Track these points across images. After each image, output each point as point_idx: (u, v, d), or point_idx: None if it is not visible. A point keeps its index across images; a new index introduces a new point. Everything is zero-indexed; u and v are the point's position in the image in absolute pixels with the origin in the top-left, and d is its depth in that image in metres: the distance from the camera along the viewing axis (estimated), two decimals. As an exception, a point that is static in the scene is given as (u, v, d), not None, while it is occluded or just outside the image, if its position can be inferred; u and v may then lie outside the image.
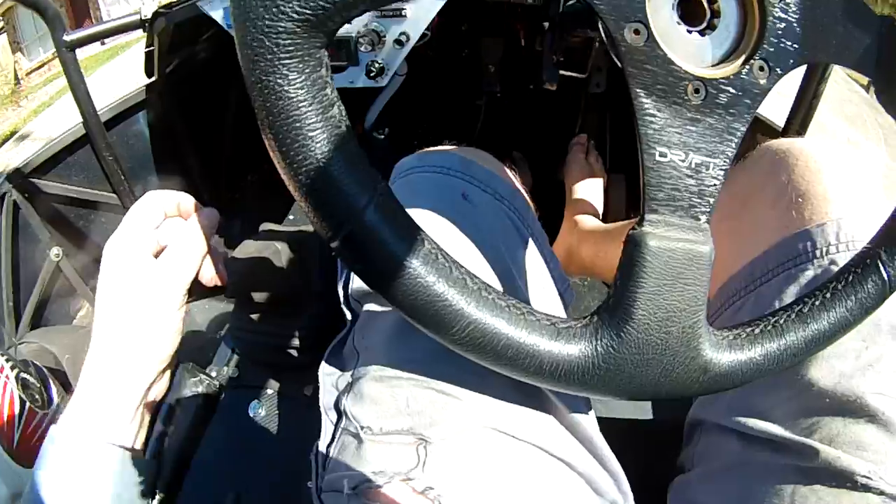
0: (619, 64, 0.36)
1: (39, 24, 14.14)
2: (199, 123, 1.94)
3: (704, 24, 0.37)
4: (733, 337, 0.41)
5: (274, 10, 0.30)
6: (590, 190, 1.44)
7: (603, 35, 0.33)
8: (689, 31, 0.37)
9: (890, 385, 0.49)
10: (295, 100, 0.32)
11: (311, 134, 0.33)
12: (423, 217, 0.59)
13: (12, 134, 8.22)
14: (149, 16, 1.44)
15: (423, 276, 0.34)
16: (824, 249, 0.55)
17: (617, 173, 1.60)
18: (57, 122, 7.25)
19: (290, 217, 1.79)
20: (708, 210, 0.37)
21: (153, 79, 1.75)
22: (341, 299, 0.68)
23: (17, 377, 1.03)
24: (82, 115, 1.53)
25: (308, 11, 0.30)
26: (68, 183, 1.64)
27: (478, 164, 0.67)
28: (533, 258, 0.64)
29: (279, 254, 1.26)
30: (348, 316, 0.65)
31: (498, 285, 0.54)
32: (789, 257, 0.57)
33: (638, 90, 0.35)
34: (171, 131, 1.85)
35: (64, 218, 1.66)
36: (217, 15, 1.40)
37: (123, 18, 1.48)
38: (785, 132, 1.23)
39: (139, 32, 1.52)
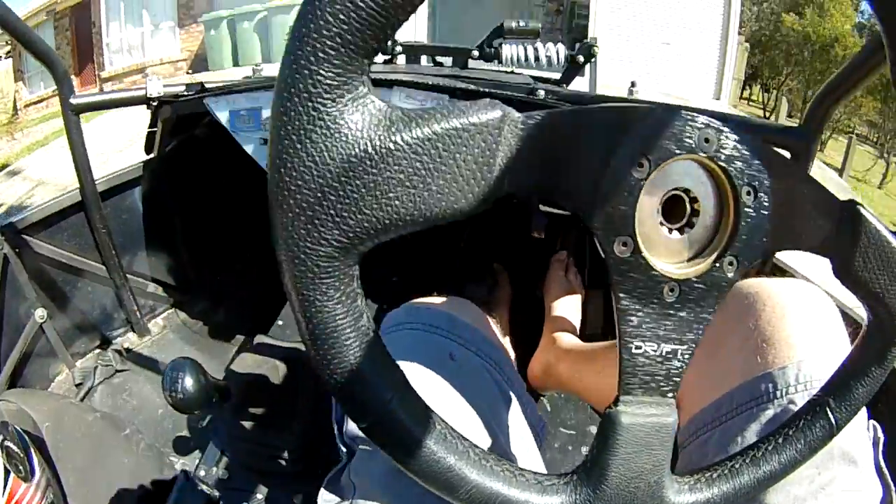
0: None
1: None
2: (191, 206, 1.98)
3: (683, 222, 0.41)
4: (694, 482, 0.46)
5: (316, 236, 0.33)
6: (568, 307, 1.48)
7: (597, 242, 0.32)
8: (670, 231, 0.40)
9: None
10: (332, 313, 0.35)
11: (345, 342, 0.36)
12: (415, 375, 0.65)
13: (3, 167, 8.14)
14: (154, 94, 1.47)
15: (437, 453, 0.40)
16: (784, 390, 0.60)
17: (595, 289, 1.65)
18: (49, 167, 7.35)
19: (279, 323, 1.77)
20: (674, 387, 0.42)
21: (151, 156, 1.79)
22: (336, 435, 0.72)
23: (1, 445, 0.99)
24: (80, 182, 1.56)
25: (345, 240, 0.33)
26: (60, 246, 1.64)
27: (462, 321, 0.74)
28: (513, 408, 0.72)
29: (276, 370, 1.32)
30: (343, 450, 0.70)
31: (486, 438, 0.63)
32: (753, 397, 0.62)
33: (620, 294, 0.39)
34: (164, 210, 1.88)
35: (51, 280, 1.66)
36: (222, 116, 1.43)
37: (129, 92, 1.51)
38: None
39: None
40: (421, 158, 0.33)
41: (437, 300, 0.84)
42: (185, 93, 1.53)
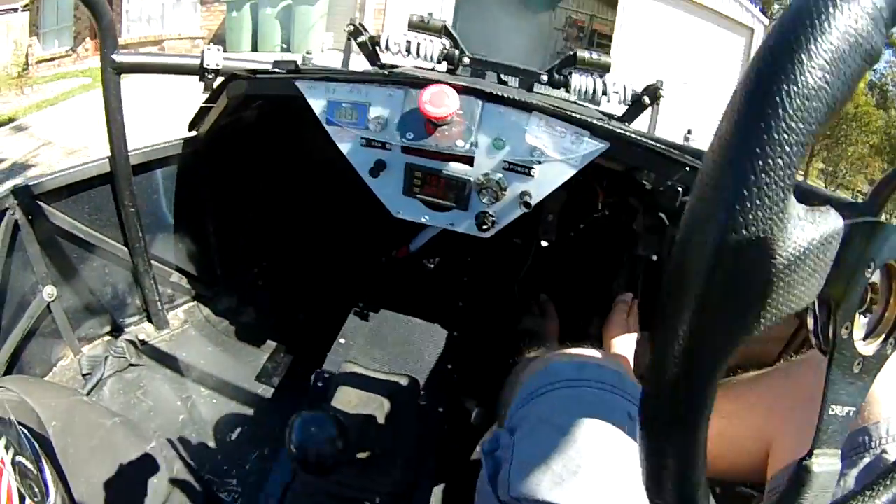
0: (817, 347, 0.45)
1: (62, 16, 14.14)
2: (227, 194, 1.87)
3: (866, 307, 0.48)
4: None
5: (728, 327, 0.35)
6: (626, 347, 1.49)
7: (811, 329, 0.45)
8: (860, 314, 0.47)
9: None
10: (709, 404, 0.38)
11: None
12: (601, 433, 0.75)
13: (10, 120, 8.08)
14: (211, 65, 1.36)
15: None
16: (877, 442, 0.71)
17: (643, 331, 1.65)
18: (57, 127, 7.25)
19: (341, 341, 1.67)
20: (843, 437, 0.48)
21: (193, 134, 1.67)
22: (489, 494, 0.79)
23: (13, 463, 0.90)
24: (112, 151, 1.45)
25: (752, 332, 0.35)
26: (78, 219, 1.51)
27: (629, 380, 0.82)
28: None
29: (382, 408, 1.26)
30: None
31: None
32: (853, 447, 0.71)
33: (833, 367, 0.45)
34: (197, 195, 1.77)
35: (64, 255, 1.53)
36: (317, 104, 1.31)
37: (180, 58, 1.40)
38: None
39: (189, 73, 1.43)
40: (813, 257, 0.35)
41: (587, 353, 0.93)
42: (274, 70, 1.41)
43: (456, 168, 1.26)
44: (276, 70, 1.40)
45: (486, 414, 1.48)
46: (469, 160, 1.25)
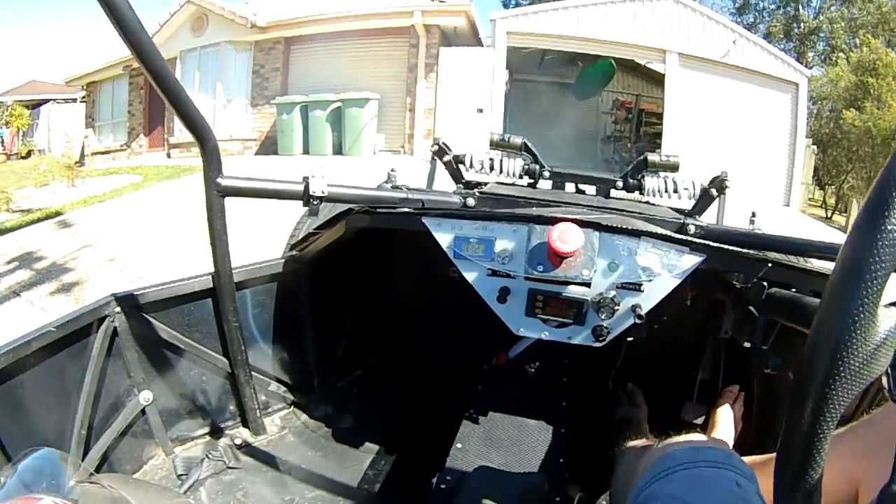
0: (891, 398, 0.57)
1: (117, 111, 14.54)
2: (326, 310, 1.98)
3: None
4: None
5: None
6: (730, 432, 1.61)
7: (886, 386, 0.55)
8: None
9: None
10: None
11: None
12: (720, 501, 0.89)
13: (57, 214, 8.12)
14: (317, 193, 1.43)
15: None
16: None
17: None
18: (101, 226, 7.36)
19: (458, 446, 1.70)
20: None
21: (292, 253, 1.80)
22: None
23: None
24: (216, 269, 1.53)
25: None
26: (178, 330, 1.61)
27: (734, 456, 0.98)
28: None
29: None
30: None
31: None
32: None
33: None
34: (297, 310, 1.88)
35: (162, 362, 1.62)
36: (444, 239, 1.46)
37: (286, 184, 1.47)
38: None
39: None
40: (892, 337, 0.53)
41: (697, 438, 1.10)
42: (400, 206, 1.55)
43: (574, 290, 1.40)
44: (399, 206, 1.54)
45: (589, 498, 1.62)
46: (587, 283, 1.39)
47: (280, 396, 1.93)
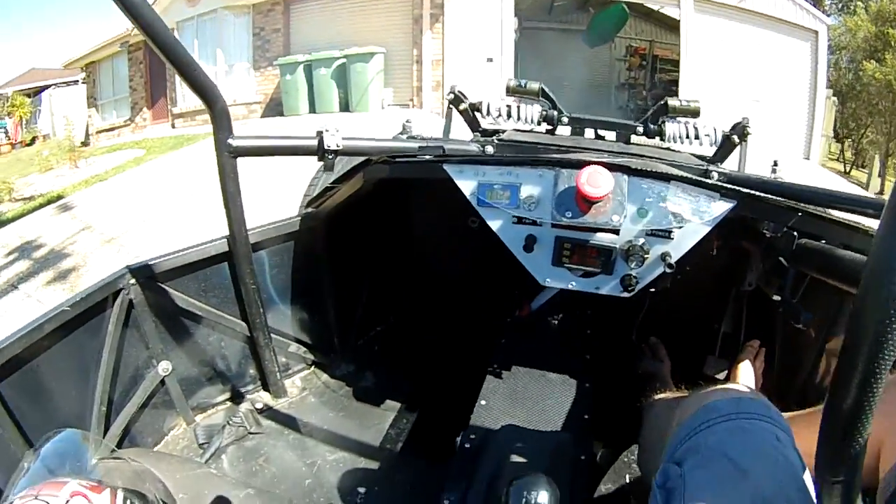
0: None
1: (118, 87, 14.43)
2: (344, 267, 1.97)
3: None
4: None
5: None
6: (752, 385, 1.61)
7: None
8: None
9: None
10: None
11: None
12: (767, 459, 0.88)
13: (58, 198, 8.03)
14: (332, 146, 1.39)
15: None
16: None
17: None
18: (102, 207, 7.37)
19: (483, 402, 1.66)
20: None
21: (310, 210, 1.78)
22: None
23: None
24: (231, 232, 1.52)
25: None
26: (193, 296, 1.60)
27: (773, 408, 0.97)
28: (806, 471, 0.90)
29: (535, 463, 1.29)
30: None
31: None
32: None
33: None
34: (314, 269, 1.87)
35: (179, 331, 1.62)
36: (467, 186, 1.42)
37: (299, 140, 1.43)
38: None
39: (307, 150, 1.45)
40: None
41: (738, 388, 1.09)
42: (420, 154, 1.51)
43: (603, 237, 1.36)
44: (422, 154, 1.50)
45: (612, 454, 1.64)
46: (615, 230, 1.34)
47: (300, 357, 1.94)
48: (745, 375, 1.61)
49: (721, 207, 1.32)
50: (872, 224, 0.89)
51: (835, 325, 1.45)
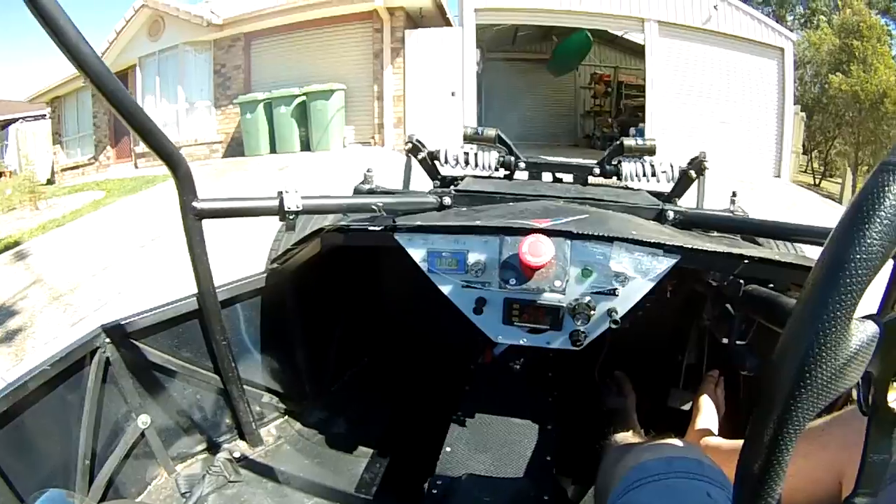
0: (860, 410, 0.59)
1: (83, 124, 14.35)
2: (312, 318, 2.04)
3: None
4: None
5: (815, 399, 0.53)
6: (713, 417, 1.66)
7: (856, 398, 0.59)
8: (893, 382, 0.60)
9: None
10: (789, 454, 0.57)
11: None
12: None
13: (14, 244, 7.90)
14: (292, 208, 1.48)
15: None
16: None
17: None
18: (57, 255, 7.21)
19: (447, 449, 1.74)
20: (882, 480, 0.59)
21: (274, 266, 1.85)
22: None
23: None
24: (199, 290, 1.59)
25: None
26: (169, 353, 1.67)
27: (707, 464, 1.01)
28: None
29: None
30: None
31: None
32: None
33: (872, 426, 0.58)
34: (282, 321, 1.94)
35: (156, 386, 1.68)
36: (418, 254, 1.50)
37: (261, 201, 1.51)
38: None
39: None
40: (862, 353, 0.52)
41: (672, 445, 1.14)
42: (368, 224, 1.59)
43: (549, 297, 1.42)
44: (374, 226, 1.56)
45: (581, 491, 1.68)
46: (561, 290, 1.41)
47: (274, 406, 2.00)
48: (707, 406, 1.66)
49: (664, 263, 1.40)
50: None
51: None
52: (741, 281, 1.39)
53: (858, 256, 0.48)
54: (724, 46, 11.68)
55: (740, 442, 1.20)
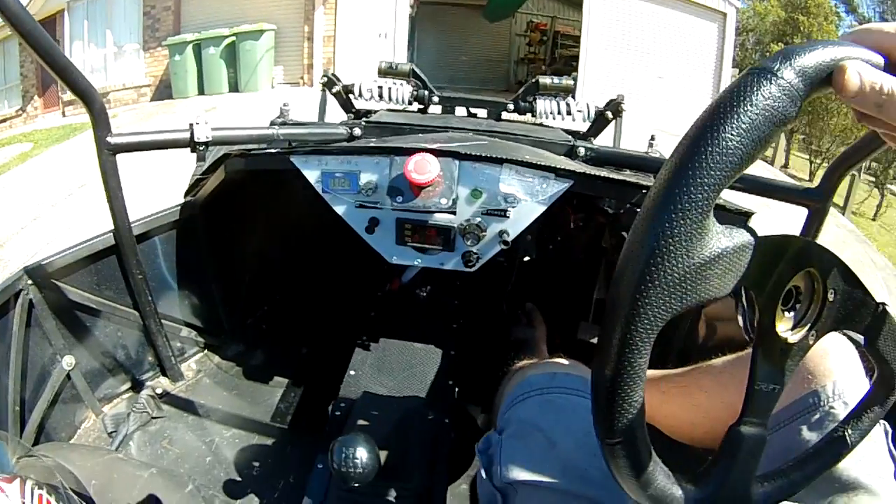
0: (745, 335, 0.66)
1: (9, 75, 13.61)
2: (225, 249, 2.05)
3: (790, 304, 0.61)
4: (772, 478, 0.67)
5: (660, 301, 0.50)
6: None
7: (740, 322, 0.74)
8: (784, 311, 0.60)
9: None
10: (644, 358, 0.52)
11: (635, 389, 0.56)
12: (574, 431, 0.97)
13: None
14: (202, 139, 1.48)
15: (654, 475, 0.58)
16: (825, 401, 0.87)
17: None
18: None
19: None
20: (769, 410, 0.60)
21: (189, 199, 1.85)
22: (484, 481, 1.03)
23: None
24: (115, 226, 1.59)
25: (673, 311, 0.50)
26: (89, 290, 1.67)
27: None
28: None
29: (397, 427, 1.44)
30: (497, 494, 1.00)
31: None
32: (805, 406, 0.89)
33: (758, 352, 0.58)
34: (198, 254, 1.95)
35: (79, 325, 1.68)
36: (312, 176, 1.51)
37: (173, 133, 1.51)
38: None
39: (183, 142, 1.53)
40: (726, 261, 0.51)
41: (559, 363, 1.19)
42: (268, 148, 1.63)
43: (440, 217, 1.46)
44: (271, 148, 1.62)
45: (489, 418, 1.68)
46: (452, 210, 1.45)
47: (193, 341, 2.02)
48: None
49: (555, 188, 1.43)
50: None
51: None
52: (638, 210, 1.37)
53: (711, 150, 0.46)
54: (665, 5, 11.80)
55: (658, 372, 1.26)
